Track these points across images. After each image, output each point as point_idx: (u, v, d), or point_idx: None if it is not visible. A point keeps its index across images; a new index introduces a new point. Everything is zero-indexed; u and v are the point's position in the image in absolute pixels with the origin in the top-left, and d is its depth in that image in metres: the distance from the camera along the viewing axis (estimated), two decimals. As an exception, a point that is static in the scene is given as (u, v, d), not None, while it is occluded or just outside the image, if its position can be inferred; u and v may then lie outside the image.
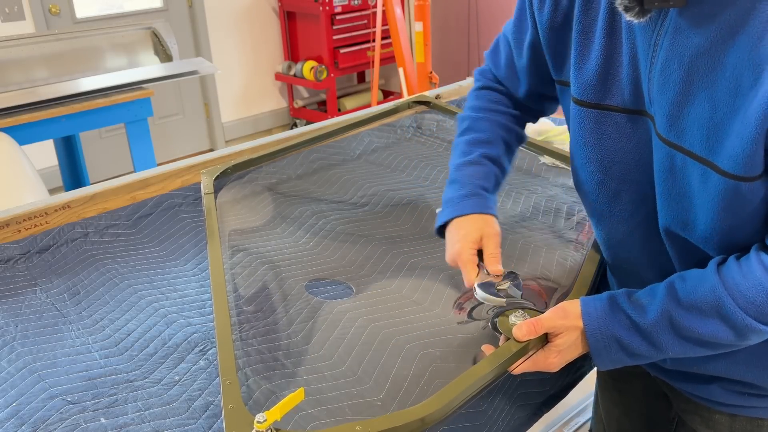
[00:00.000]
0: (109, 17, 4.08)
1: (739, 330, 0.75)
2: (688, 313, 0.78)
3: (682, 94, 0.74)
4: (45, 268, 1.21)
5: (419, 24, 3.51)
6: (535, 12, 0.91)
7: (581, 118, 0.87)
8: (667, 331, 0.79)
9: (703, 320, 0.77)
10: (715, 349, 0.80)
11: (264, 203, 1.41)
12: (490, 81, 1.08)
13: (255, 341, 0.97)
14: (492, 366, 0.82)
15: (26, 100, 2.42)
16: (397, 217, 1.34)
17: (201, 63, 2.86)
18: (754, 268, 0.74)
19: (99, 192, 1.39)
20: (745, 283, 0.74)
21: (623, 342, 0.82)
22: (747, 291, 0.74)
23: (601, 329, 0.83)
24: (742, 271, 0.75)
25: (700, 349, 0.80)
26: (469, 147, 1.02)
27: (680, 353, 0.81)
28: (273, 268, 1.16)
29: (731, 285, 0.75)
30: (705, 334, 0.77)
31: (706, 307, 0.77)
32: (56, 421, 0.84)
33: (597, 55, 0.83)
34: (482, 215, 0.97)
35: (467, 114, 1.07)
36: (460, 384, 0.79)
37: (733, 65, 0.69)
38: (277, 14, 4.84)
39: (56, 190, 3.68)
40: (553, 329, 0.85)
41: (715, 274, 0.77)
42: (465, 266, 0.93)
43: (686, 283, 0.79)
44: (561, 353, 0.85)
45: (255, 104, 4.94)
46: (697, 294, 0.77)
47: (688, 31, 0.72)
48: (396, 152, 1.67)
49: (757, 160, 0.69)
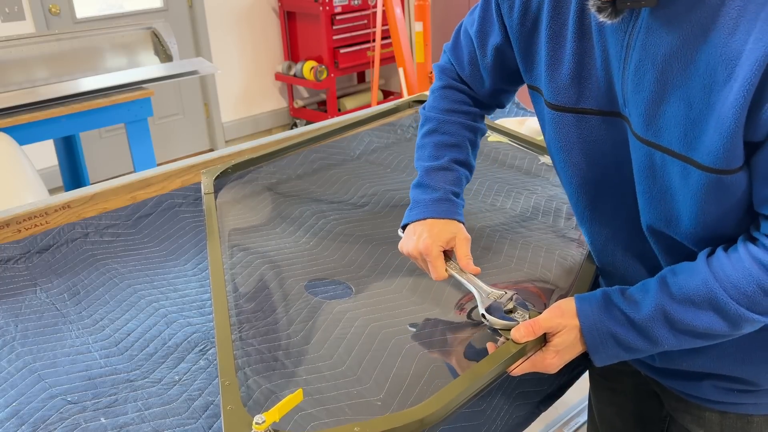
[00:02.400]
0: (109, 17, 4.08)
1: (733, 320, 0.76)
2: (682, 306, 0.78)
3: (657, 93, 0.74)
4: (45, 268, 1.21)
5: (419, 24, 3.51)
6: (504, 17, 0.92)
7: (556, 122, 0.87)
8: (661, 325, 0.80)
9: (698, 313, 0.78)
10: (710, 340, 0.81)
11: (264, 203, 1.41)
12: (452, 79, 1.09)
13: (255, 341, 0.97)
14: (491, 366, 0.82)
15: (26, 100, 2.42)
16: (397, 217, 1.34)
17: (201, 63, 2.86)
18: (742, 258, 0.75)
19: (99, 192, 1.39)
20: (735, 275, 0.75)
21: (619, 337, 0.83)
22: (738, 282, 0.75)
23: (597, 325, 0.84)
24: (731, 263, 0.76)
25: (695, 341, 0.81)
26: (438, 151, 1.04)
27: (676, 346, 0.82)
28: (273, 268, 1.16)
29: (722, 277, 0.76)
30: (700, 327, 0.78)
31: (699, 300, 0.77)
32: (56, 421, 0.84)
33: (569, 59, 0.83)
34: (453, 221, 0.99)
35: (432, 115, 1.08)
36: (460, 384, 0.79)
37: (705, 62, 0.69)
38: (277, 14, 4.84)
39: (56, 190, 3.68)
40: (551, 329, 0.85)
41: (706, 266, 0.77)
42: (435, 260, 0.96)
43: (678, 277, 0.80)
44: (559, 353, 0.86)
45: (255, 104, 4.94)
46: (690, 287, 0.78)
47: (660, 31, 0.72)
48: (396, 152, 1.67)
49: (737, 152, 0.70)
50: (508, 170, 1.55)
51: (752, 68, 0.65)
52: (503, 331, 0.88)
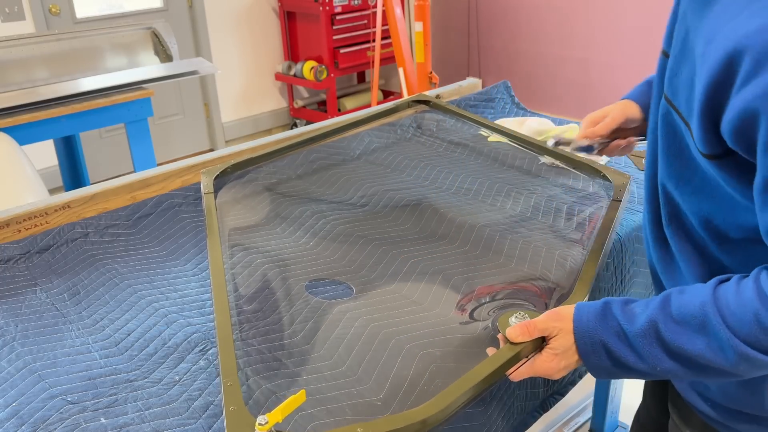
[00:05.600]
0: (109, 17, 4.08)
1: (725, 352, 0.71)
2: (677, 326, 0.74)
3: (681, 53, 0.75)
4: (45, 268, 1.21)
5: (419, 24, 3.51)
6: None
7: None
8: (653, 343, 0.76)
9: (690, 336, 0.73)
10: (708, 375, 0.76)
11: (264, 203, 1.41)
12: None
13: (255, 341, 0.97)
14: (494, 367, 0.82)
15: (26, 100, 2.42)
16: (397, 218, 1.34)
17: (201, 63, 2.86)
18: (749, 287, 0.70)
19: (99, 192, 1.39)
20: (735, 302, 0.71)
21: (610, 349, 0.79)
22: (735, 309, 0.70)
23: (589, 333, 0.81)
24: (737, 290, 0.71)
25: (691, 371, 0.76)
26: None
27: (671, 372, 0.77)
28: (273, 268, 1.16)
29: (722, 302, 0.72)
30: (693, 352, 0.74)
31: (694, 322, 0.73)
32: (56, 421, 0.84)
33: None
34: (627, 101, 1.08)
35: None
36: (462, 385, 0.79)
37: (705, 29, 0.69)
38: (277, 14, 4.84)
39: (56, 190, 3.68)
40: (547, 331, 0.83)
41: (711, 290, 0.74)
42: (583, 121, 1.10)
43: (682, 297, 0.76)
44: (557, 357, 0.83)
45: (255, 104, 4.94)
46: (689, 307, 0.74)
47: None
48: (396, 152, 1.67)
49: (709, 137, 0.68)
50: (508, 170, 1.54)
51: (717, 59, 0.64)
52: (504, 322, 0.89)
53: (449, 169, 1.56)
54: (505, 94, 2.07)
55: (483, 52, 4.93)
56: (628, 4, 4.14)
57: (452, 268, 1.15)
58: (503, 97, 2.06)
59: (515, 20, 4.64)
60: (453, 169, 1.55)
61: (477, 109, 1.98)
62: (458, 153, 1.65)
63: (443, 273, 1.14)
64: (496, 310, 0.91)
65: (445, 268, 1.15)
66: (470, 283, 1.10)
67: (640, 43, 4.13)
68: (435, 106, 1.89)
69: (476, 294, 1.07)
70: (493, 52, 4.87)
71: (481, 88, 2.14)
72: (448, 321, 1.03)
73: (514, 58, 4.77)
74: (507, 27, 4.70)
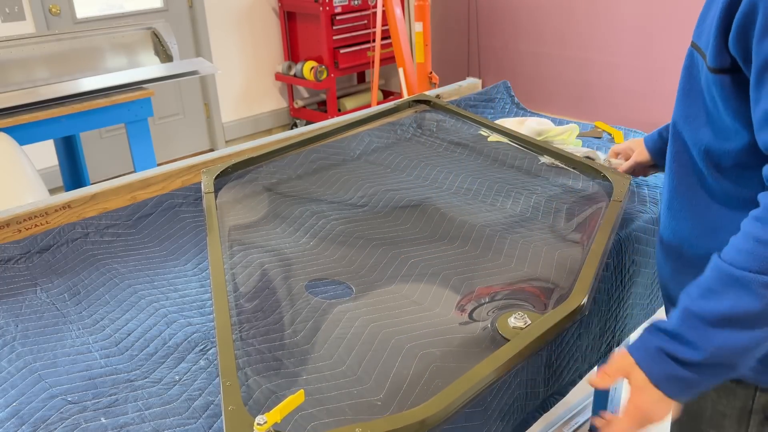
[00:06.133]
0: (109, 17, 4.08)
1: (751, 290, 0.75)
2: (703, 299, 0.80)
3: (709, 2, 0.86)
4: (45, 268, 1.21)
5: (419, 24, 3.51)
6: None
7: None
8: (696, 325, 0.80)
9: (717, 298, 0.78)
10: (753, 326, 0.78)
11: (264, 203, 1.41)
12: None
13: (255, 341, 0.97)
14: (493, 368, 0.82)
15: (26, 100, 2.42)
16: (397, 218, 1.35)
17: (201, 63, 2.86)
18: (744, 223, 0.79)
19: (99, 192, 1.39)
20: (735, 241, 0.78)
21: (666, 349, 0.83)
22: (737, 243, 0.78)
23: (644, 345, 0.86)
24: (735, 235, 0.79)
25: (744, 335, 0.78)
26: None
27: (728, 347, 0.79)
28: (273, 268, 1.16)
29: (726, 252, 0.79)
30: (727, 311, 0.77)
31: (713, 285, 0.79)
32: (56, 421, 0.84)
33: None
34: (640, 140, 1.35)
35: None
36: (461, 386, 0.79)
37: None
38: (277, 14, 4.84)
39: (56, 190, 3.68)
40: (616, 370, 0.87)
41: (716, 257, 0.81)
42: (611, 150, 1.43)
43: (697, 280, 0.83)
44: (640, 391, 0.85)
45: (255, 104, 4.94)
46: (704, 280, 0.82)
47: None
48: (396, 152, 1.67)
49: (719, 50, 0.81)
50: (508, 170, 1.55)
51: None
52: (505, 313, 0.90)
53: (449, 169, 1.56)
54: (504, 94, 2.08)
55: (483, 52, 4.93)
56: (628, 4, 4.14)
57: (452, 268, 1.15)
58: (503, 97, 2.06)
59: (515, 20, 4.64)
60: (453, 169, 1.56)
61: (477, 109, 1.98)
62: (458, 153, 1.65)
63: (443, 273, 1.14)
64: (495, 311, 0.91)
65: (444, 268, 1.15)
66: (470, 284, 1.10)
67: (640, 43, 4.13)
68: (435, 106, 1.89)
69: (476, 294, 1.07)
70: (493, 52, 4.87)
71: (481, 88, 2.14)
72: (448, 321, 1.03)
73: (514, 58, 4.77)
74: (507, 27, 4.70)
